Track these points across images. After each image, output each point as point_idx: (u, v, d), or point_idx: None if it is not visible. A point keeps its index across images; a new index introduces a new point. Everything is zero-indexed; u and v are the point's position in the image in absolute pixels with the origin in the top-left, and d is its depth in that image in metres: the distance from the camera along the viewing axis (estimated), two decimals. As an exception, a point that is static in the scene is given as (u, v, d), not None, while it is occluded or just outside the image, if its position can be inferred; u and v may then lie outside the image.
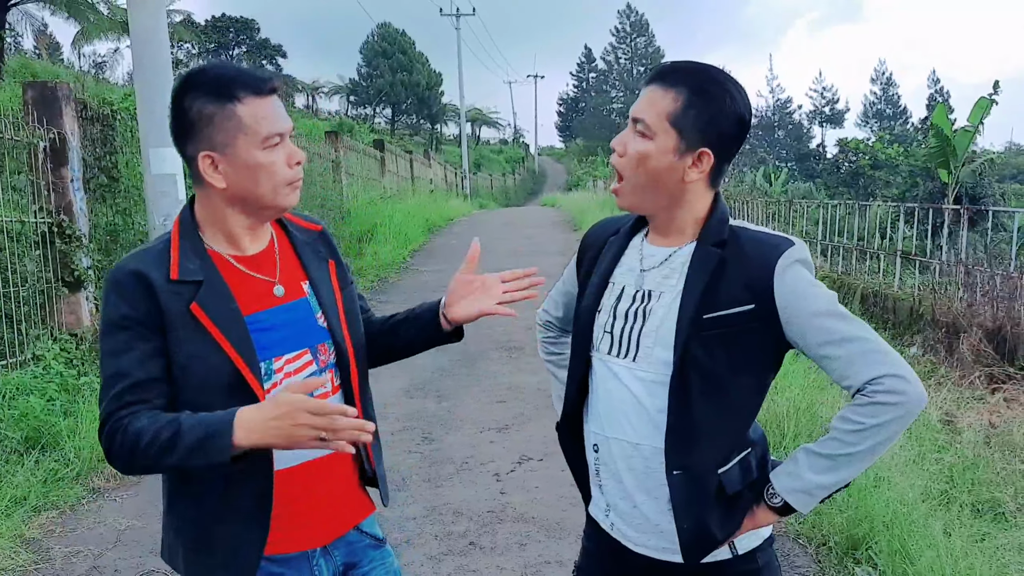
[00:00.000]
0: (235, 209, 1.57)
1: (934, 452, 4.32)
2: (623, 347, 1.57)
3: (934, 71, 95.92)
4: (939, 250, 8.44)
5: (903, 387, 1.41)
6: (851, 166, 22.49)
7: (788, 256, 1.47)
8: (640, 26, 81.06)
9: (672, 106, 1.48)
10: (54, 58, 29.56)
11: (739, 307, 1.48)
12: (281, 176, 1.55)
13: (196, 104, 1.51)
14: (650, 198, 1.55)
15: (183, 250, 1.54)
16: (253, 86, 1.52)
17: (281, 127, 1.54)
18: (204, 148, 1.51)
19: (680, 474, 1.51)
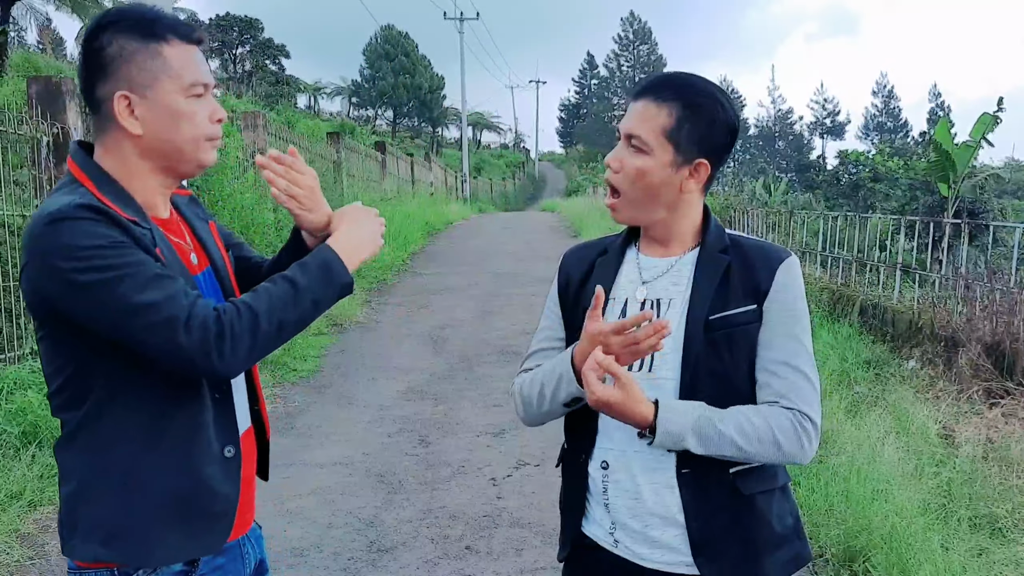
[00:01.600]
0: (150, 163, 1.45)
1: (932, 466, 4.32)
2: (644, 360, 1.55)
3: (935, 85, 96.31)
4: (938, 264, 8.46)
5: (812, 440, 1.51)
6: (851, 178, 22.52)
7: (788, 264, 1.55)
8: (643, 34, 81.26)
9: (667, 121, 1.50)
10: (57, 53, 29.55)
11: (743, 307, 1.52)
12: (203, 128, 1.45)
13: (117, 40, 1.38)
14: (648, 210, 1.58)
15: (111, 197, 1.39)
16: (181, 31, 1.43)
17: (207, 78, 1.45)
18: (122, 88, 1.38)
19: (688, 472, 1.53)
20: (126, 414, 1.41)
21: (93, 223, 1.31)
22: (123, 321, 1.31)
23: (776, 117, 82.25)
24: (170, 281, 1.33)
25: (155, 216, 1.48)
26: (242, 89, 28.77)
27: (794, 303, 1.54)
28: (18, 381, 4.87)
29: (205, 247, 1.60)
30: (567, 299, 1.70)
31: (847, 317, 7.88)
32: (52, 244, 1.30)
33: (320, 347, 7.58)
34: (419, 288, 10.82)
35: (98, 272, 1.29)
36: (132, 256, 1.32)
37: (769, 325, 1.53)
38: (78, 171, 1.42)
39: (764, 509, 1.57)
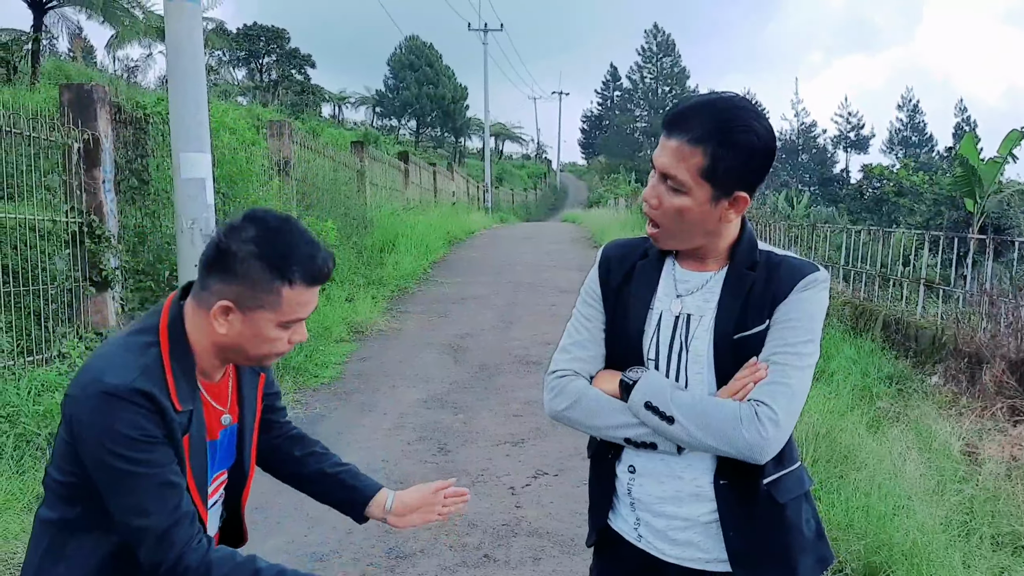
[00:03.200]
0: (218, 352, 1.57)
1: (955, 483, 4.28)
2: (673, 375, 1.59)
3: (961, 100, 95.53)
4: (963, 279, 8.38)
5: (767, 428, 1.46)
6: (875, 192, 22.38)
7: (810, 280, 1.53)
8: (666, 46, 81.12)
9: (701, 161, 1.48)
10: (88, 61, 30.01)
11: (758, 327, 1.53)
12: (278, 350, 1.57)
13: (250, 261, 1.47)
14: (690, 240, 1.60)
15: (176, 374, 1.51)
16: (312, 275, 1.50)
17: (308, 313, 1.55)
18: (229, 298, 1.49)
19: (726, 484, 1.56)
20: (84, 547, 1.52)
21: (138, 413, 1.42)
22: (124, 506, 1.45)
23: (799, 130, 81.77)
24: (177, 495, 1.47)
25: (206, 381, 1.61)
26: (268, 98, 29.05)
27: (800, 316, 1.52)
28: (46, 383, 4.94)
29: (242, 403, 1.71)
30: (608, 295, 1.69)
31: (870, 332, 7.82)
32: (100, 421, 1.42)
33: (342, 354, 7.63)
34: (440, 297, 10.86)
35: (125, 462, 1.42)
36: (159, 455, 1.45)
37: (773, 329, 1.53)
38: (164, 329, 1.53)
39: (795, 516, 1.60)
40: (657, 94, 79.33)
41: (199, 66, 5.48)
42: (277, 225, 1.50)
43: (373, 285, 10.63)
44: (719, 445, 1.48)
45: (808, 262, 1.58)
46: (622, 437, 1.58)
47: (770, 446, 1.47)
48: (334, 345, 7.83)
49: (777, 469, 1.57)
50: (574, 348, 1.69)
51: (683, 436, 1.50)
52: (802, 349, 1.51)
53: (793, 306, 1.52)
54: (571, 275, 12.63)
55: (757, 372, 1.50)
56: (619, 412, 1.58)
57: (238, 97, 30.54)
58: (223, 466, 1.70)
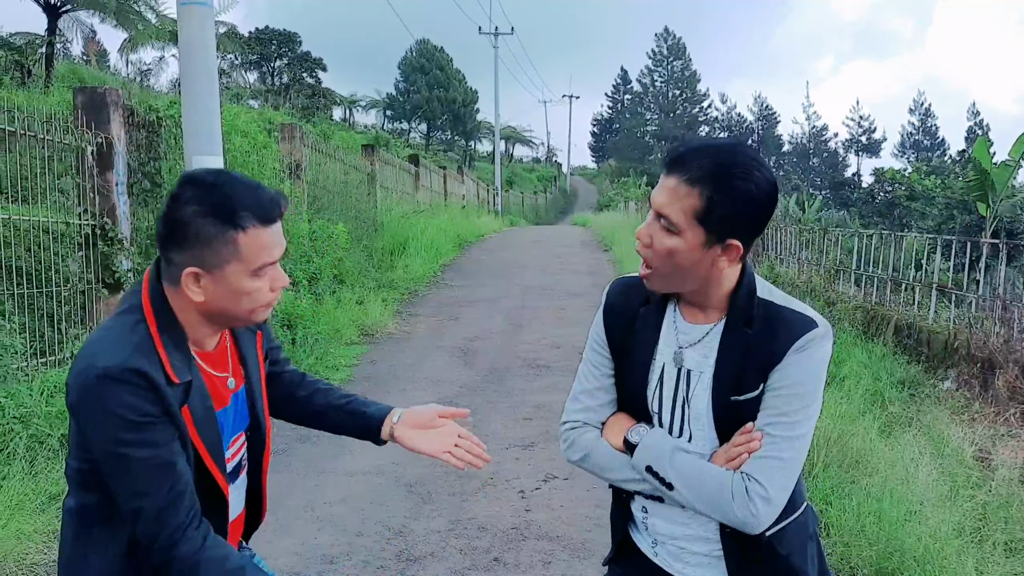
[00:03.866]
0: (205, 319, 1.56)
1: (967, 488, 4.25)
2: (676, 430, 1.62)
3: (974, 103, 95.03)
4: (975, 284, 8.33)
5: (759, 507, 1.47)
6: (887, 196, 22.27)
7: (807, 340, 1.49)
8: (677, 49, 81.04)
9: (697, 203, 1.45)
10: (101, 65, 30.19)
11: (753, 392, 1.52)
12: (262, 300, 1.55)
13: (197, 221, 1.46)
14: (680, 284, 1.57)
15: (168, 347, 1.50)
16: (261, 215, 1.49)
17: (275, 255, 1.53)
18: (193, 264, 1.48)
19: (732, 531, 1.57)
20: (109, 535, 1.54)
21: (133, 393, 1.43)
22: (123, 488, 1.46)
23: (810, 134, 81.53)
24: (173, 476, 1.46)
25: (200, 351, 1.60)
26: (280, 101, 29.17)
27: (795, 382, 1.49)
28: (59, 384, 4.97)
29: (245, 364, 1.72)
30: (614, 344, 1.69)
31: (881, 336, 7.79)
32: (97, 406, 1.43)
33: (352, 357, 7.65)
34: (450, 300, 10.87)
35: (123, 445, 1.43)
36: (156, 435, 1.45)
37: (765, 398, 1.51)
38: (148, 304, 1.53)
39: (799, 562, 1.62)
40: (668, 97, 79.24)
41: (211, 69, 5.50)
42: (213, 179, 1.50)
43: (383, 288, 10.65)
44: (713, 515, 1.52)
45: (806, 317, 1.52)
46: (634, 489, 1.64)
47: (760, 522, 1.49)
48: (344, 347, 7.85)
49: (779, 521, 1.56)
50: (584, 397, 1.72)
51: (682, 502, 1.55)
52: (796, 417, 1.49)
53: (788, 371, 1.49)
54: (581, 279, 12.62)
55: (751, 443, 1.50)
56: (627, 468, 1.62)
57: (250, 100, 30.66)
58: (239, 429, 1.70)
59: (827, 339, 1.51)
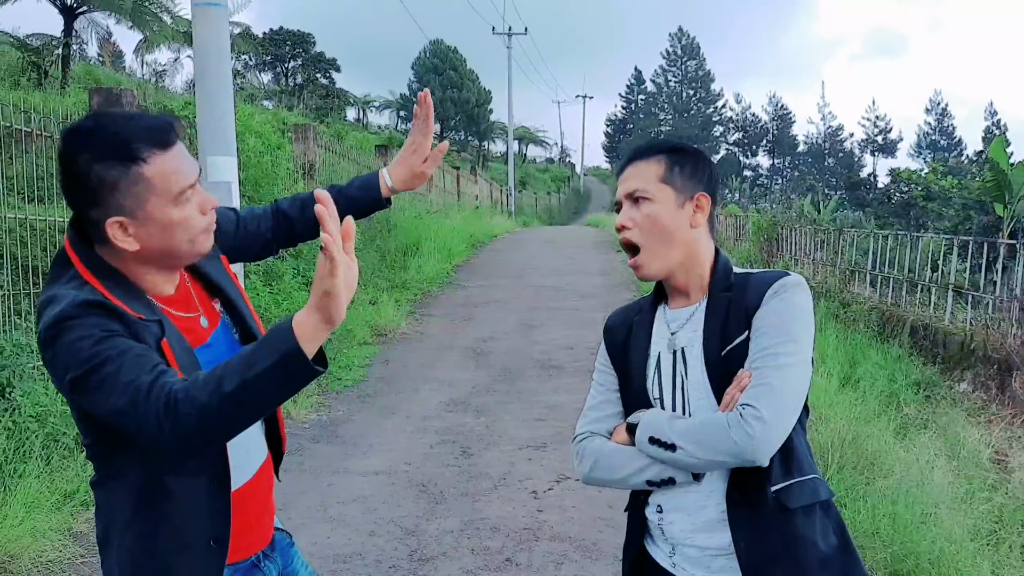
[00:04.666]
0: (150, 267, 1.48)
1: (984, 491, 4.22)
2: (681, 406, 1.65)
3: (991, 103, 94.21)
4: (992, 285, 8.25)
5: (754, 427, 1.47)
6: (903, 196, 22.11)
7: (781, 284, 1.58)
8: (691, 49, 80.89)
9: (658, 168, 1.65)
10: (117, 66, 30.40)
11: (740, 336, 1.59)
12: (196, 227, 1.47)
13: (96, 169, 1.37)
14: (670, 257, 1.66)
15: (120, 298, 1.41)
16: (157, 141, 1.40)
17: (191, 177, 1.44)
18: (113, 214, 1.39)
19: (737, 496, 1.59)
20: (126, 490, 1.50)
21: (92, 318, 1.34)
22: (105, 402, 1.33)
23: (826, 134, 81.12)
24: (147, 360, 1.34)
25: (160, 296, 1.51)
26: (293, 102, 29.29)
27: (774, 321, 1.56)
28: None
29: (222, 294, 1.65)
30: (617, 357, 1.79)
31: (897, 338, 7.74)
32: (64, 347, 1.34)
33: (365, 357, 7.66)
34: (463, 301, 10.88)
35: (84, 364, 1.32)
36: (119, 343, 1.34)
37: (752, 339, 1.57)
38: (84, 269, 1.43)
39: (806, 528, 1.59)
40: (682, 97, 79.12)
41: (226, 70, 5.52)
42: (92, 123, 1.42)
43: (396, 288, 10.66)
44: (717, 457, 1.52)
45: (778, 271, 1.65)
46: (644, 481, 1.64)
47: (761, 443, 1.48)
48: (357, 348, 7.87)
49: (785, 478, 1.58)
50: (591, 411, 1.81)
51: (688, 460, 1.55)
52: (779, 350, 1.53)
53: (765, 313, 1.57)
54: (594, 280, 12.61)
55: (741, 381, 1.54)
56: (634, 458, 1.65)
57: (264, 101, 30.79)
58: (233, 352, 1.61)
59: (801, 287, 1.60)
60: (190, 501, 1.49)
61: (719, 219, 14.74)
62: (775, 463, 1.56)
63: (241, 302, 1.68)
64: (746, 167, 79.56)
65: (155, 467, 1.47)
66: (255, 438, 1.66)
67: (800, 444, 1.62)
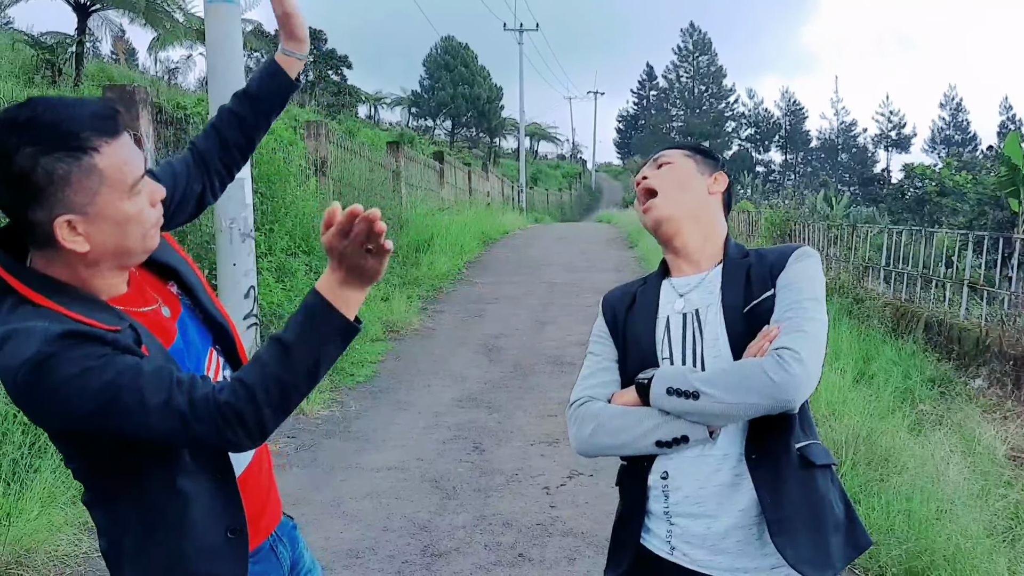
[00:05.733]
0: (99, 269, 1.34)
1: (999, 487, 4.19)
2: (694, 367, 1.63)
3: (1006, 98, 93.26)
4: (1008, 281, 8.20)
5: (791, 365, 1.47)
6: (917, 192, 21.98)
7: (802, 252, 1.67)
8: (703, 45, 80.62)
9: (683, 151, 1.83)
10: (130, 63, 30.55)
11: (766, 294, 1.62)
12: (148, 221, 1.36)
13: (43, 163, 1.23)
14: (681, 201, 1.75)
15: (76, 311, 1.28)
16: (105, 129, 1.28)
17: (141, 167, 1.33)
18: (61, 212, 1.25)
19: (757, 457, 1.56)
20: (131, 504, 1.44)
21: (77, 348, 1.23)
22: (137, 427, 1.27)
23: (839, 129, 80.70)
24: (164, 374, 1.28)
25: (114, 298, 1.39)
26: (305, 99, 29.35)
27: (800, 279, 1.62)
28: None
29: (175, 272, 1.55)
30: (617, 328, 1.80)
31: (911, 334, 7.70)
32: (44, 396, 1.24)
33: (377, 353, 7.68)
34: (474, 297, 10.89)
35: (97, 398, 1.23)
36: (121, 364, 1.25)
37: (778, 296, 1.61)
38: (27, 290, 1.29)
39: (824, 489, 1.60)
40: (693, 93, 78.89)
41: (238, 67, 5.54)
42: (28, 113, 1.25)
43: (408, 285, 10.68)
44: (749, 398, 1.48)
45: (795, 244, 1.81)
46: (652, 442, 1.58)
47: (801, 383, 1.47)
48: (370, 344, 7.88)
49: (807, 437, 1.61)
50: (586, 380, 1.77)
51: (712, 407, 1.50)
52: (807, 304, 1.58)
53: (791, 272, 1.63)
54: (606, 276, 12.59)
55: (771, 333, 1.56)
56: (643, 417, 1.59)
57: (276, 98, 30.84)
58: (207, 346, 1.55)
59: (818, 259, 1.69)
60: (198, 500, 1.44)
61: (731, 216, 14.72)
62: (795, 422, 1.58)
63: (196, 280, 1.58)
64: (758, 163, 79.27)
65: (155, 476, 1.42)
66: None
67: (807, 408, 1.65)
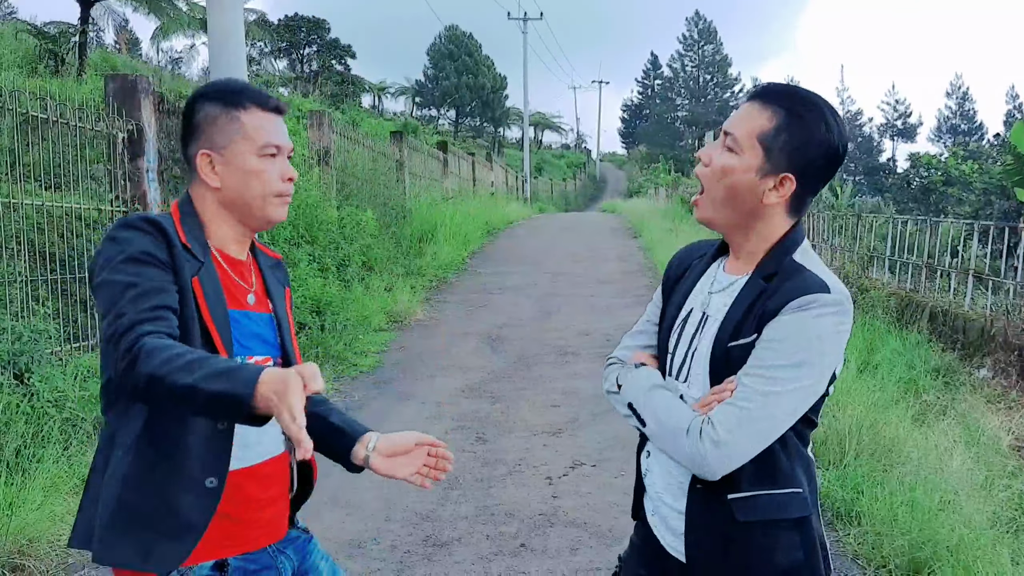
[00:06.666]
0: (227, 213, 1.65)
1: (1003, 478, 4.18)
2: (684, 373, 1.62)
3: (1013, 87, 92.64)
4: (1013, 271, 8.16)
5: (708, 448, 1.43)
6: (922, 181, 21.88)
7: (806, 302, 1.43)
8: (708, 33, 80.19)
9: (765, 125, 1.49)
10: (133, 53, 30.50)
11: (748, 337, 1.48)
12: (272, 186, 1.63)
13: (204, 108, 1.61)
14: (727, 214, 1.56)
15: (185, 228, 1.60)
16: (258, 100, 1.63)
17: (279, 140, 1.63)
18: (204, 147, 1.61)
19: (701, 488, 1.55)
20: (131, 427, 1.53)
21: (143, 236, 1.51)
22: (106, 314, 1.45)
23: (845, 118, 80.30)
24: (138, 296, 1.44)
25: (227, 254, 1.67)
26: (309, 88, 29.29)
27: (784, 337, 1.43)
28: (91, 369, 5.03)
29: (271, 298, 1.75)
30: (666, 292, 1.76)
31: (916, 324, 7.67)
32: (108, 243, 1.52)
33: (381, 343, 7.68)
34: (478, 287, 10.88)
35: (122, 273, 1.46)
36: (153, 272, 1.48)
37: (756, 349, 1.46)
38: (175, 206, 1.66)
39: (762, 539, 1.53)
40: (698, 82, 78.51)
41: (240, 57, 5.53)
42: (217, 80, 1.70)
43: (412, 275, 10.67)
44: (675, 453, 1.51)
45: (821, 282, 1.45)
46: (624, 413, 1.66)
47: (711, 464, 1.43)
48: (373, 334, 7.88)
49: (753, 487, 1.50)
50: (627, 338, 1.80)
51: (651, 438, 1.58)
52: (777, 374, 1.42)
53: (780, 326, 1.44)
54: (610, 266, 12.56)
55: (724, 392, 1.48)
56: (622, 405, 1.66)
57: (279, 88, 30.84)
58: (267, 353, 1.67)
59: (837, 309, 1.44)
60: (195, 439, 1.52)
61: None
62: (745, 471, 1.48)
63: (285, 318, 1.76)
64: (763, 152, 78.70)
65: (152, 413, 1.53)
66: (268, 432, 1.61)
67: (782, 457, 1.51)
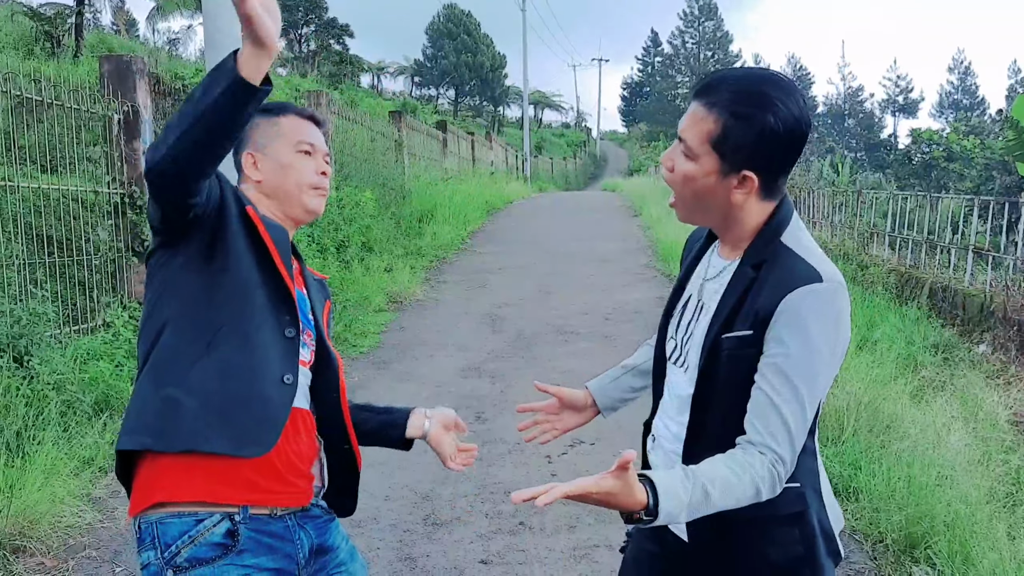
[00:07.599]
0: (268, 201, 1.81)
1: (1001, 453, 4.19)
2: (682, 359, 1.61)
3: (1015, 61, 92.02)
4: (1014, 246, 8.14)
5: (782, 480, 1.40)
6: (924, 157, 21.80)
7: (803, 293, 1.39)
8: (709, 9, 79.60)
9: (712, 129, 1.42)
10: (130, 34, 30.32)
11: (743, 331, 1.45)
12: (307, 178, 1.81)
13: (251, 120, 1.69)
14: (702, 215, 1.55)
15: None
16: (296, 110, 1.87)
17: (314, 139, 1.84)
18: (249, 148, 1.82)
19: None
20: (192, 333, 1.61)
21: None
22: None
23: (846, 94, 79.94)
24: None
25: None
26: (307, 68, 29.13)
27: (793, 337, 1.39)
28: (91, 351, 5.05)
29: (312, 299, 1.87)
30: (680, 269, 1.75)
31: (915, 300, 7.66)
32: None
33: (380, 324, 7.69)
34: (478, 267, 10.87)
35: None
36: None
37: (763, 355, 1.42)
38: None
39: (756, 535, 1.52)
40: (699, 59, 78.02)
41: (236, 36, 5.46)
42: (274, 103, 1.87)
43: (411, 255, 10.66)
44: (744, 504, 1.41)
45: (811, 271, 1.42)
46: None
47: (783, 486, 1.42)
48: (373, 314, 7.89)
49: None
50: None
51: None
52: (796, 376, 1.40)
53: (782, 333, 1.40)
54: (610, 245, 12.54)
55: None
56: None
57: (278, 68, 30.70)
58: (308, 326, 1.79)
59: (832, 297, 1.41)
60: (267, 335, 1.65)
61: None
62: None
63: (322, 321, 1.87)
64: (764, 129, 78.34)
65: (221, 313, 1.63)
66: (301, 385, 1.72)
67: None
